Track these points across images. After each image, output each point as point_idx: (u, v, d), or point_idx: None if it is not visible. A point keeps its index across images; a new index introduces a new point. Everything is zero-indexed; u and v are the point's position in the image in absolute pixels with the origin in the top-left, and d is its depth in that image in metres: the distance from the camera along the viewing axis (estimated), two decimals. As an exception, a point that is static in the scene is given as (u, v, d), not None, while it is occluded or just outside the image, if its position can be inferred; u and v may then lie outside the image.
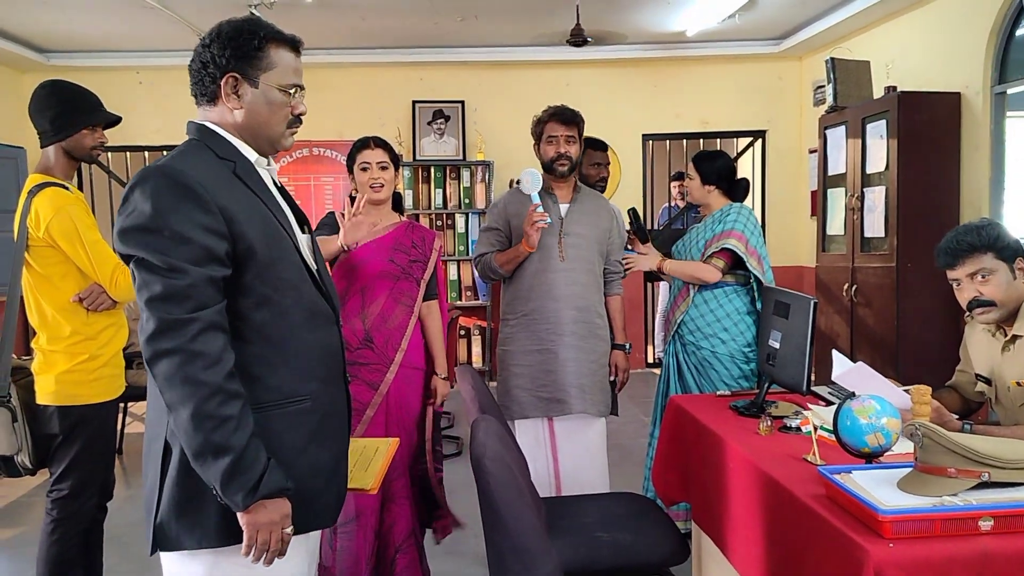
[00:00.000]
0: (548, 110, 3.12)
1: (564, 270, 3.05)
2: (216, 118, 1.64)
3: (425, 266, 2.95)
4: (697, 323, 3.23)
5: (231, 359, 1.49)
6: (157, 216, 1.46)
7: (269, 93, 1.63)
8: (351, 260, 2.85)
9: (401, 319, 2.88)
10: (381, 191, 2.87)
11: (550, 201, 3.12)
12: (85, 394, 2.53)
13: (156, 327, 1.44)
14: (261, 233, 1.57)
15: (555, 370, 3.03)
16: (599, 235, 3.16)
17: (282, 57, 1.64)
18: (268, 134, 1.67)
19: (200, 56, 1.61)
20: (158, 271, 1.46)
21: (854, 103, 5.08)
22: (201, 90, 1.63)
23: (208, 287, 1.48)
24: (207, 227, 1.49)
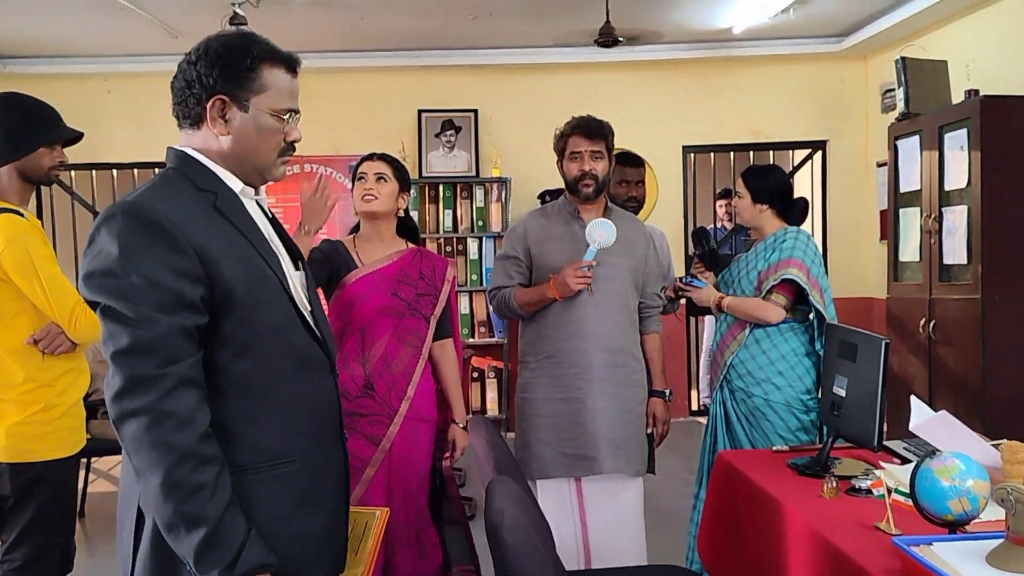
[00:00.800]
0: (571, 122, 3.15)
1: (594, 305, 3.05)
2: (200, 144, 1.68)
3: (435, 300, 2.96)
4: (748, 366, 3.21)
5: (206, 418, 1.51)
6: (124, 258, 1.49)
7: (260, 118, 1.67)
8: (348, 295, 2.87)
9: (407, 362, 2.88)
10: (372, 203, 2.90)
11: (576, 226, 3.14)
12: (41, 449, 2.55)
13: (122, 384, 1.47)
14: (242, 274, 1.60)
15: (583, 422, 3.02)
16: (634, 264, 3.17)
17: (276, 78, 1.69)
18: (257, 163, 1.71)
19: (184, 74, 1.66)
20: (124, 320, 1.48)
21: (929, 109, 5.07)
22: (184, 112, 1.67)
23: (180, 338, 1.50)
24: (179, 270, 1.51)
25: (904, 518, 2.08)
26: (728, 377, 3.28)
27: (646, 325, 3.28)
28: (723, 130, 6.98)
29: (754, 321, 3.20)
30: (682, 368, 6.99)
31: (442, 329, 3.00)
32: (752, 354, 3.21)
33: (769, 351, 3.19)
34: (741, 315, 3.22)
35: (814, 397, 3.14)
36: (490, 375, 6.64)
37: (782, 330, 3.20)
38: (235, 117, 1.65)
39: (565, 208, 3.20)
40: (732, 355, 3.26)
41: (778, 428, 3.15)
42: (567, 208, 3.20)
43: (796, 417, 3.15)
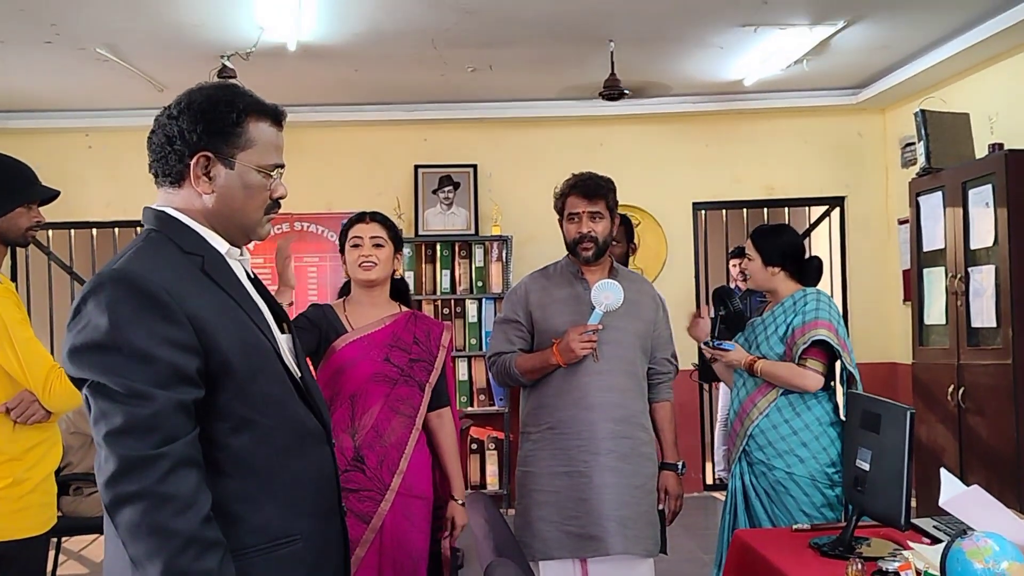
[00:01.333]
0: (569, 180, 3.18)
1: (599, 372, 3.05)
2: (180, 203, 1.68)
3: (431, 367, 2.96)
4: (769, 436, 3.20)
5: (208, 500, 1.50)
6: (114, 331, 1.49)
7: (246, 175, 1.69)
8: (337, 361, 2.87)
9: (400, 434, 2.88)
10: (372, 271, 2.92)
11: (579, 288, 3.16)
12: (7, 527, 2.53)
13: (117, 467, 1.45)
14: (238, 341, 1.60)
15: (589, 498, 2.99)
16: (641, 328, 3.18)
17: (262, 132, 1.70)
18: (243, 222, 1.72)
19: (165, 129, 1.66)
20: (117, 398, 1.47)
21: (952, 164, 5.12)
22: (164, 169, 1.67)
23: (177, 414, 1.49)
24: (174, 341, 1.51)
25: (935, 604, 2.05)
26: (748, 448, 3.26)
27: (656, 393, 3.27)
28: (735, 186, 7.04)
29: (789, 388, 3.19)
30: (696, 439, 6.94)
31: (438, 398, 3.00)
32: (774, 423, 3.20)
33: (792, 420, 3.18)
34: (775, 380, 3.21)
35: (839, 471, 3.12)
36: (490, 447, 6.60)
37: (805, 397, 3.19)
38: (220, 174, 1.66)
39: (568, 269, 3.22)
40: (753, 424, 3.24)
41: (802, 504, 3.12)
42: (570, 269, 3.22)
43: (821, 492, 3.12)
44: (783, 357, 3.22)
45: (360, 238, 2.96)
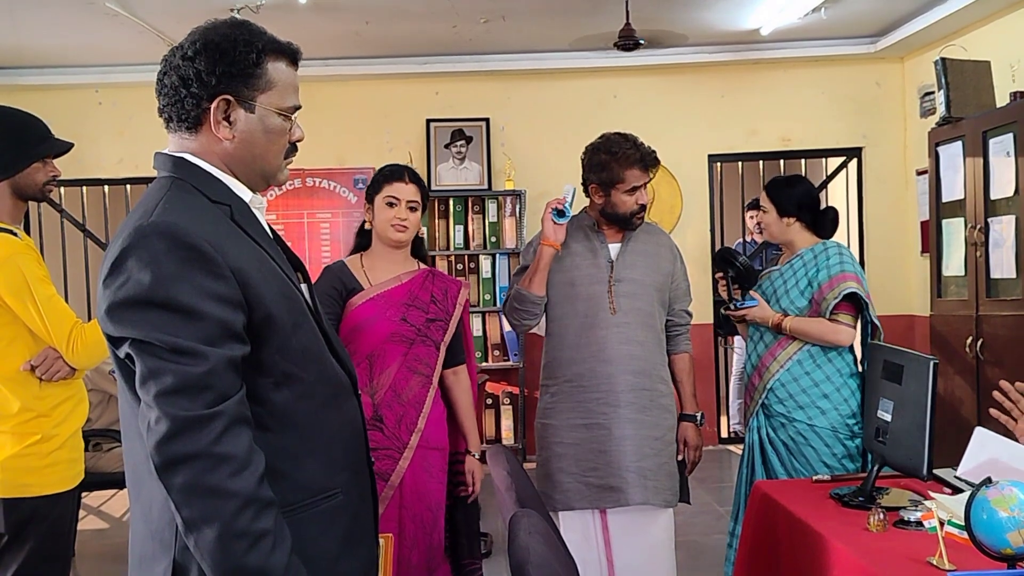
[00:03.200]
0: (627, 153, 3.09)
1: (617, 325, 3.06)
2: (196, 148, 1.64)
3: (446, 326, 2.97)
4: (789, 389, 3.21)
5: (261, 459, 1.49)
6: (159, 286, 1.45)
7: (267, 119, 1.65)
8: (353, 319, 2.88)
9: (417, 392, 2.90)
10: (404, 233, 2.91)
11: (596, 242, 3.15)
12: (37, 484, 2.56)
13: (170, 428, 1.42)
14: (278, 295, 1.58)
15: (608, 450, 3.02)
16: (659, 280, 3.18)
17: (281, 73, 1.66)
18: (263, 167, 1.69)
19: (179, 71, 1.60)
20: (165, 356, 1.44)
21: (972, 113, 5.08)
22: (179, 113, 1.62)
23: (228, 372, 1.47)
24: (220, 296, 1.48)
25: (958, 552, 2.07)
26: (767, 402, 3.28)
27: (674, 345, 3.28)
28: (752, 138, 6.99)
29: (820, 344, 3.18)
30: (711, 393, 6.98)
31: (454, 355, 3.02)
32: (794, 375, 3.21)
33: (813, 372, 3.19)
34: (807, 337, 3.20)
35: (859, 422, 3.14)
36: (505, 401, 6.64)
37: (826, 350, 3.20)
38: (240, 118, 1.62)
39: (583, 222, 3.21)
40: (773, 378, 3.25)
41: (823, 455, 3.14)
42: (586, 222, 3.21)
43: (841, 443, 3.14)
44: (805, 311, 3.22)
45: (397, 199, 2.92)
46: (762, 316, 3.28)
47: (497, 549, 4.71)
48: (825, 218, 3.38)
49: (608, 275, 3.09)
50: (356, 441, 1.73)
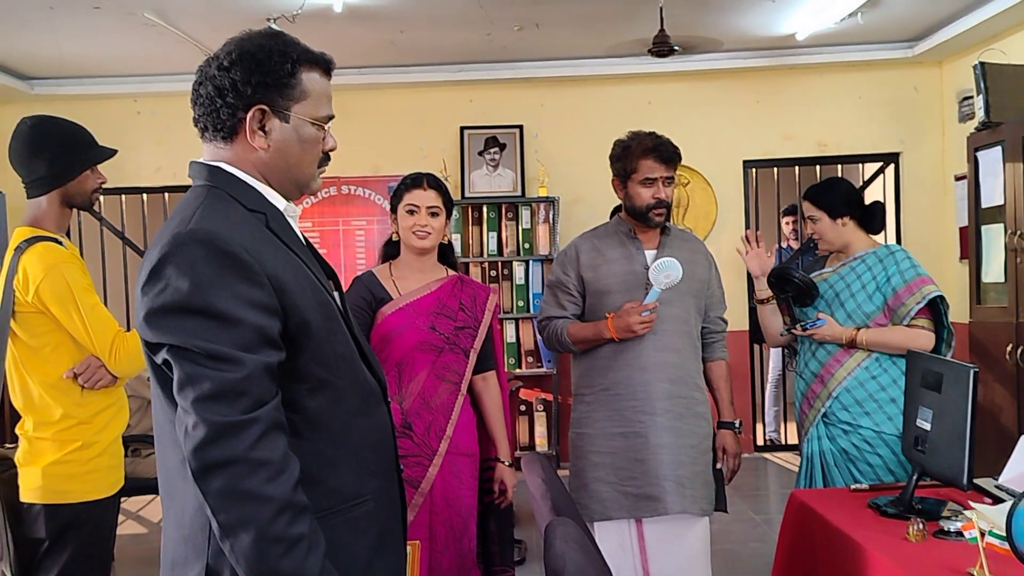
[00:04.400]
0: (642, 141, 3.12)
1: (653, 333, 3.06)
2: (232, 157, 1.66)
3: (475, 333, 2.99)
4: (856, 394, 3.17)
5: (296, 465, 1.50)
6: (197, 293, 1.47)
7: (302, 128, 1.67)
8: (382, 329, 2.90)
9: (445, 399, 2.92)
10: (427, 239, 2.93)
11: (632, 248, 3.15)
12: (78, 490, 2.60)
13: (207, 433, 1.44)
14: (314, 302, 1.60)
15: (645, 459, 3.02)
16: (696, 287, 3.18)
17: (315, 83, 1.69)
18: (298, 176, 1.71)
19: (215, 81, 1.63)
20: (203, 362, 1.46)
21: (1012, 118, 5.01)
22: (215, 123, 1.65)
23: (264, 378, 1.49)
24: (257, 303, 1.51)
25: (999, 563, 2.05)
26: (831, 410, 3.23)
27: (710, 352, 3.28)
28: (787, 143, 6.95)
29: (900, 352, 3.14)
30: (746, 400, 6.93)
31: (484, 361, 3.03)
32: (860, 381, 3.17)
33: (880, 376, 3.16)
34: (887, 349, 3.17)
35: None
36: (539, 408, 6.63)
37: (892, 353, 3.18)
38: (275, 128, 1.64)
39: (619, 228, 3.21)
40: (839, 385, 3.21)
41: (889, 463, 3.10)
42: (622, 228, 3.21)
43: (903, 452, 3.11)
44: (873, 315, 3.19)
45: (417, 206, 2.95)
46: (833, 334, 3.23)
47: (531, 556, 4.71)
48: (875, 212, 3.36)
49: (644, 282, 3.09)
50: (386, 448, 1.75)
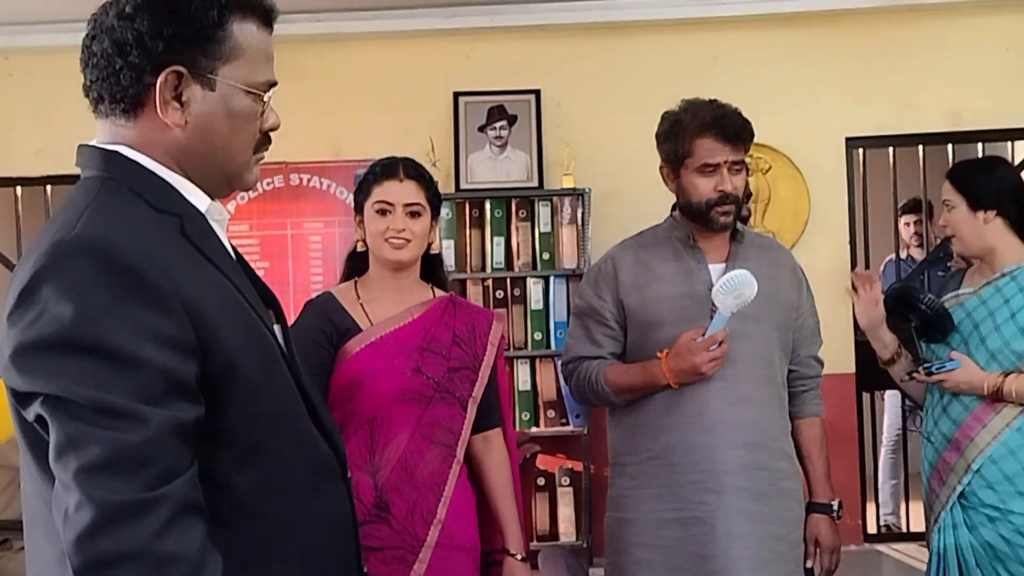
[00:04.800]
0: (698, 114, 3.14)
1: (722, 379, 3.06)
2: (136, 138, 1.67)
3: (475, 376, 2.98)
4: (1005, 467, 3.15)
5: (218, 563, 1.49)
6: (84, 324, 1.46)
7: (232, 98, 1.68)
8: (348, 372, 2.90)
9: (435, 469, 2.93)
10: (404, 249, 2.94)
11: (692, 261, 3.15)
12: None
13: (95, 518, 1.42)
14: (245, 338, 1.61)
15: (712, 555, 3.01)
16: (779, 315, 3.19)
17: (250, 37, 1.70)
18: (226, 165, 1.72)
19: (114, 34, 1.63)
20: (90, 419, 1.44)
21: None
22: (114, 92, 1.66)
23: (175, 441, 1.48)
24: (166, 338, 1.50)
25: None
26: (970, 489, 3.20)
27: (801, 405, 3.30)
28: (907, 114, 6.91)
29: None
30: (852, 471, 6.84)
31: (486, 416, 3.06)
32: (1010, 448, 3.15)
33: None
34: None
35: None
36: (563, 481, 6.59)
37: None
38: (195, 97, 1.66)
39: (673, 233, 3.22)
40: (981, 454, 3.18)
41: None
42: (676, 233, 3.21)
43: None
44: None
45: (390, 204, 2.96)
46: (970, 382, 3.21)
47: None
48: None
49: (709, 308, 3.07)
50: (343, 540, 1.76)
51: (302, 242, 6.77)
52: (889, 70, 6.88)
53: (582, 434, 6.55)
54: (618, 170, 6.64)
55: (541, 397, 6.65)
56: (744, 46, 6.87)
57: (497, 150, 6.82)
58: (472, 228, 6.72)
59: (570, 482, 6.59)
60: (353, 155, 6.72)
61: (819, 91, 6.87)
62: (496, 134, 6.82)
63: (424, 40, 6.88)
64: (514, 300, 6.69)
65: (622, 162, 6.59)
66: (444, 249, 6.52)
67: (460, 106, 6.83)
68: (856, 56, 6.89)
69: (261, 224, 6.72)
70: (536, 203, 6.70)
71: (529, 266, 6.67)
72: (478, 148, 6.81)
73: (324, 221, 6.79)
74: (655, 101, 3.42)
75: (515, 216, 6.70)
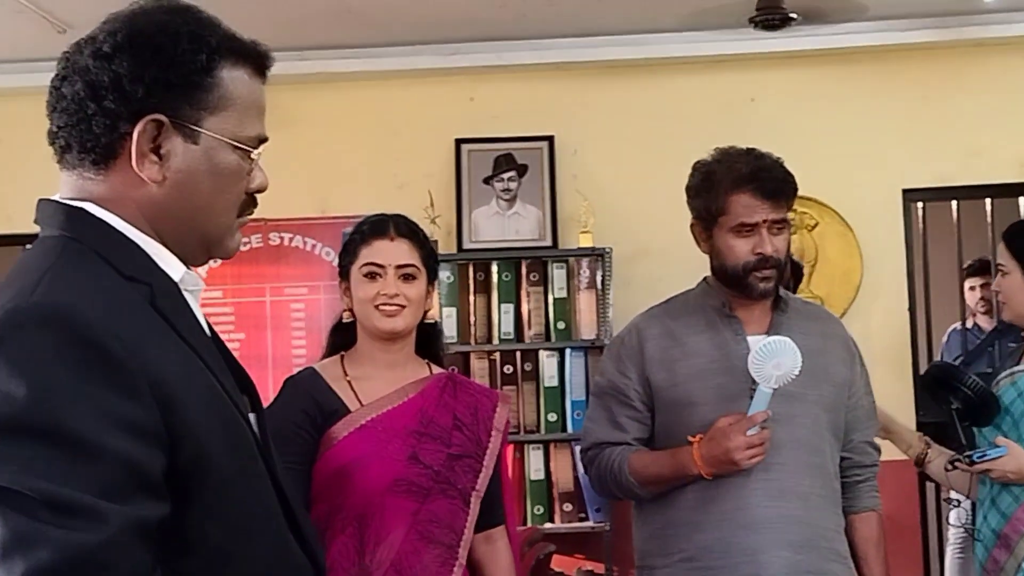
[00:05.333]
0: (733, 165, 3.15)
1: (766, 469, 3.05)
2: (105, 194, 1.67)
3: (479, 466, 2.97)
4: None
5: None
6: (38, 404, 1.45)
7: (217, 154, 1.69)
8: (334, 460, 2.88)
9: (434, 572, 2.92)
10: (397, 317, 2.94)
11: (728, 332, 3.14)
12: None
13: None
14: (218, 424, 1.60)
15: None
16: (831, 395, 3.19)
17: (240, 87, 1.71)
18: (207, 228, 1.73)
19: (89, 75, 1.64)
20: (43, 516, 1.42)
21: None
22: (84, 140, 1.66)
23: (136, 544, 1.46)
24: (131, 423, 1.49)
25: None
26: None
27: (855, 498, 3.29)
28: (973, 162, 6.92)
29: None
30: (915, 571, 6.80)
31: (487, 512, 3.04)
32: None
33: None
34: None
35: None
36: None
37: None
38: (176, 150, 1.66)
39: (707, 300, 3.21)
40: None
41: None
42: (711, 300, 3.21)
43: None
44: None
45: (380, 267, 2.96)
46: (1019, 471, 3.21)
47: None
48: None
49: (748, 387, 3.06)
50: None
51: (283, 310, 6.75)
52: (952, 112, 6.91)
53: (604, 531, 6.52)
54: (643, 227, 6.66)
55: (556, 488, 6.63)
56: (786, 86, 6.92)
57: (505, 205, 6.84)
58: (477, 294, 6.72)
59: (590, 589, 6.55)
60: (341, 211, 6.72)
61: (872, 137, 6.89)
62: (504, 186, 6.84)
63: (422, 81, 6.93)
64: (525, 376, 6.69)
65: (647, 218, 6.61)
66: (445, 318, 6.55)
67: (463, 155, 6.87)
68: (914, 97, 6.92)
69: (236, 291, 6.69)
70: (550, 265, 6.73)
71: (542, 337, 6.68)
72: (483, 203, 6.84)
73: (308, 286, 6.77)
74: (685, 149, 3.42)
75: (526, 280, 6.71)
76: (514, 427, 6.21)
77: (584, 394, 6.39)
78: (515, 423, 6.26)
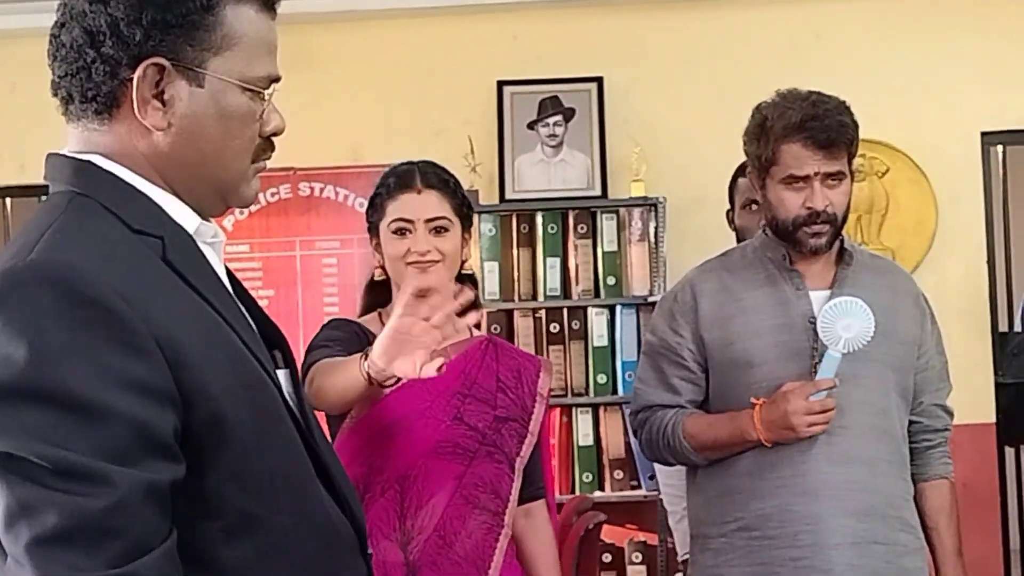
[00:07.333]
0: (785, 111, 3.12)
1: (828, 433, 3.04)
2: (111, 145, 1.68)
3: (525, 431, 2.98)
4: None
5: None
6: (40, 366, 1.46)
7: (224, 95, 1.69)
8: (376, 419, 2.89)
9: (479, 541, 2.93)
10: (432, 274, 2.92)
11: (789, 288, 3.14)
12: None
13: None
14: (234, 381, 1.61)
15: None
16: (899, 354, 3.19)
17: (247, 23, 1.71)
18: (219, 176, 1.73)
19: (86, 20, 1.64)
20: (46, 480, 1.45)
21: None
22: (84, 89, 1.67)
23: (148, 507, 1.48)
24: (139, 384, 1.50)
25: None
26: None
27: (925, 465, 3.28)
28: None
29: None
30: (991, 543, 6.78)
31: (527, 484, 3.06)
32: None
33: None
34: None
35: None
36: (634, 558, 6.58)
37: None
38: (181, 95, 1.66)
39: (767, 253, 3.20)
40: None
41: None
42: (770, 253, 3.20)
43: None
44: None
45: (409, 222, 2.95)
46: None
47: None
48: None
49: (810, 345, 3.06)
50: None
51: (314, 265, 6.76)
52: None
53: (657, 499, 6.47)
54: (699, 176, 6.61)
55: (606, 455, 6.64)
56: (854, 21, 6.86)
57: (551, 151, 6.82)
58: (520, 247, 6.72)
59: (642, 558, 6.58)
60: (375, 159, 6.62)
61: (948, 75, 6.83)
62: (549, 132, 6.82)
63: (461, 17, 6.92)
64: (572, 335, 6.69)
65: (703, 166, 6.55)
66: (487, 273, 6.57)
67: (505, 98, 6.85)
68: (994, 31, 6.85)
69: (264, 244, 6.70)
70: (599, 216, 6.72)
71: (591, 293, 6.69)
72: (527, 149, 6.82)
73: (340, 240, 6.77)
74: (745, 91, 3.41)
75: (573, 232, 6.70)
76: (561, 390, 6.23)
77: (636, 354, 6.30)
78: (562, 385, 6.28)
